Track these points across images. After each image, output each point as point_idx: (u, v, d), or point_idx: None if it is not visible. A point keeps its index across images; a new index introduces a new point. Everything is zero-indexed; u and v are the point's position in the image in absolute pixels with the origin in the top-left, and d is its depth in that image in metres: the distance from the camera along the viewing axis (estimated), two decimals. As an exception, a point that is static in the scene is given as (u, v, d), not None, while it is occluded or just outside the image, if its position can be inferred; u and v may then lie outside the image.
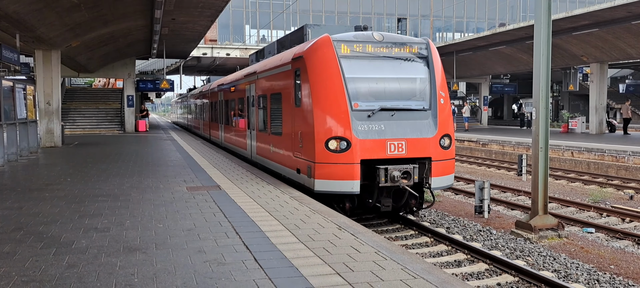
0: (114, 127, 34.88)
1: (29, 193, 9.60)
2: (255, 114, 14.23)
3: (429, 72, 10.14)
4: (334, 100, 9.38)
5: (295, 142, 10.44)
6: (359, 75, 9.72)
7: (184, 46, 32.90)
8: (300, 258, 5.38)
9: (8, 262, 5.26)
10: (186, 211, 7.80)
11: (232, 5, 48.84)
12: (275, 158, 12.14)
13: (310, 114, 9.59)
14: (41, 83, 21.65)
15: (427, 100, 9.97)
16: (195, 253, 5.56)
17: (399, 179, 9.09)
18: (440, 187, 9.92)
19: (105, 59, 32.98)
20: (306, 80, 9.77)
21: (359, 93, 9.57)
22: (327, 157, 9.25)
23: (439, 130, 9.70)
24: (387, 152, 9.32)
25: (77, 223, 7.00)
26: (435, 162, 9.64)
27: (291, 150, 10.74)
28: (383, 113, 9.50)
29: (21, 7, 14.93)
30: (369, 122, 9.33)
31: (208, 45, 47.92)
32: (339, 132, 9.25)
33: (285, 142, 11.23)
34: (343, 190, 9.28)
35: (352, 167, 9.19)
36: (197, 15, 23.08)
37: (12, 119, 15.57)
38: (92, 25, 20.78)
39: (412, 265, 5.22)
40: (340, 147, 9.20)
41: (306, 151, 9.83)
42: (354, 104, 9.43)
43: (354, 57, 9.79)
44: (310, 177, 9.65)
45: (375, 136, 9.29)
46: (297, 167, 10.42)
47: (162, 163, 14.70)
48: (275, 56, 13.15)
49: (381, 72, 9.89)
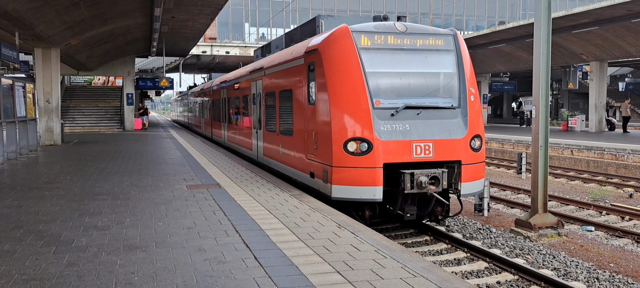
0: (114, 125, 34.86)
1: (29, 191, 9.60)
2: (262, 112, 13.44)
3: (457, 66, 9.32)
4: (353, 97, 8.59)
5: (308, 144, 9.67)
6: (380, 69, 8.89)
7: (183, 44, 32.87)
8: (300, 257, 5.39)
9: (8, 261, 5.26)
10: (186, 209, 7.80)
11: (231, 3, 48.80)
12: (285, 161, 11.40)
13: (326, 112, 8.82)
14: (41, 81, 21.62)
15: (456, 96, 9.15)
16: (195, 252, 5.56)
17: (427, 185, 8.28)
18: (471, 193, 9.12)
19: (105, 57, 32.95)
20: (322, 75, 8.99)
21: (380, 89, 8.77)
22: (345, 161, 8.48)
23: (469, 130, 8.90)
24: (412, 155, 8.51)
25: (77, 222, 7.00)
26: (465, 165, 8.80)
27: (304, 152, 9.96)
28: (408, 111, 8.72)
29: (20, 5, 14.91)
30: (392, 122, 8.57)
31: (208, 43, 47.88)
32: (359, 133, 8.47)
33: (296, 143, 10.47)
34: (364, 197, 8.47)
35: (374, 171, 8.38)
36: (197, 13, 23.06)
37: (11, 117, 15.56)
38: (92, 23, 20.76)
39: (412, 264, 5.22)
40: (361, 149, 8.41)
41: (322, 153, 9.04)
42: (376, 101, 8.63)
43: (374, 50, 8.95)
44: (326, 182, 8.88)
45: (400, 137, 8.50)
46: (310, 170, 9.65)
47: (162, 161, 14.69)
48: (284, 50, 12.34)
49: (405, 66, 9.06)
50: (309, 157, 9.69)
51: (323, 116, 8.96)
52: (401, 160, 8.49)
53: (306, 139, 9.78)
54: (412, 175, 8.33)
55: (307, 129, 9.70)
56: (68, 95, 38.27)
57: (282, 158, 11.68)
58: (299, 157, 10.29)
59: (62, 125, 22.87)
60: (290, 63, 10.86)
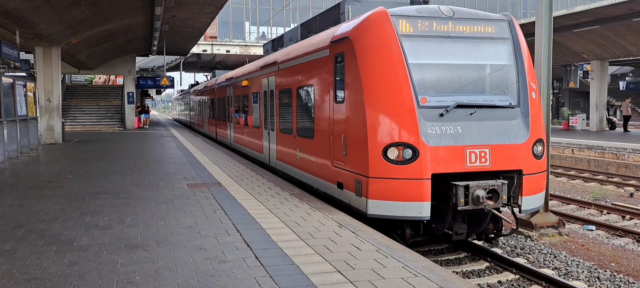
0: (115, 124, 34.89)
1: (30, 190, 9.60)
2: (276, 111, 12.17)
3: (515, 58, 7.99)
4: (394, 93, 7.26)
5: (335, 148, 8.40)
6: (426, 60, 7.59)
7: (184, 43, 32.88)
8: (301, 256, 5.39)
9: (9, 260, 5.26)
10: (187, 208, 7.80)
11: (232, 2, 48.80)
12: (305, 167, 10.08)
13: (360, 111, 7.51)
14: (41, 80, 21.63)
15: (515, 93, 7.83)
16: (196, 251, 5.56)
17: (484, 200, 7.00)
18: (532, 209, 7.79)
19: (106, 56, 32.96)
20: (353, 68, 7.71)
21: (426, 84, 7.46)
22: (385, 170, 7.14)
23: (531, 134, 7.56)
24: (466, 164, 7.19)
25: (78, 221, 7.00)
26: (527, 176, 7.48)
27: (329, 157, 8.70)
28: (459, 111, 7.40)
29: (21, 3, 14.91)
30: (441, 123, 7.25)
31: (208, 42, 47.89)
32: (401, 137, 7.12)
33: (319, 148, 9.21)
34: (407, 214, 7.12)
35: (421, 183, 7.03)
36: (197, 12, 23.06)
37: (12, 116, 15.56)
38: (92, 22, 20.76)
39: (413, 263, 5.22)
40: (404, 156, 7.08)
41: (354, 161, 7.72)
42: (421, 99, 7.30)
43: (418, 37, 7.65)
44: (360, 195, 7.52)
45: (451, 142, 7.18)
46: (338, 180, 8.32)
47: (163, 160, 14.70)
48: (302, 42, 10.93)
49: (454, 57, 7.76)
50: (336, 164, 8.42)
51: (356, 116, 7.66)
52: (452, 169, 7.16)
53: (332, 143, 8.54)
54: (467, 188, 7.02)
55: (334, 131, 8.46)
56: (69, 94, 38.29)
57: (300, 164, 10.43)
58: (323, 163, 9.04)
59: (63, 124, 22.89)
60: (311, 55, 9.61)
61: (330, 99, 8.61)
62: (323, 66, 8.98)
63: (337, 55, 8.37)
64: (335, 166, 8.46)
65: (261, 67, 13.69)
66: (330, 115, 8.63)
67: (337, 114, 8.35)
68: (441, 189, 7.28)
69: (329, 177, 8.79)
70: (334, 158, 8.47)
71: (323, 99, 8.98)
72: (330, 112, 8.60)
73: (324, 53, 8.95)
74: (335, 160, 8.45)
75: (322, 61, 9.02)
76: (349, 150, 7.90)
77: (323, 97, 8.98)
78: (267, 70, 12.97)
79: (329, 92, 8.69)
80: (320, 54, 9.13)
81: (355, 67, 7.69)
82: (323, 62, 8.98)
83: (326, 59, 8.84)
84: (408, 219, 7.28)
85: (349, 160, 7.92)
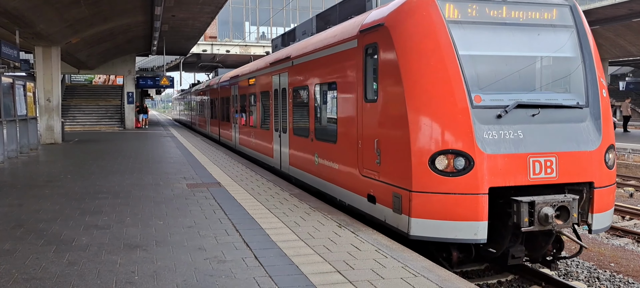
0: (114, 124, 34.89)
1: (29, 190, 9.59)
2: (289, 111, 11.16)
3: (580, 49, 6.84)
4: (443, 91, 6.15)
5: (366, 155, 7.31)
6: (478, 51, 6.48)
7: (184, 43, 32.90)
8: (301, 256, 5.38)
9: (9, 260, 5.26)
10: (186, 208, 7.80)
11: (232, 2, 48.81)
12: (325, 175, 9.03)
13: (399, 112, 6.40)
14: (41, 80, 21.64)
15: (582, 91, 6.70)
16: (196, 251, 5.55)
17: (553, 219, 5.90)
18: (603, 228, 6.62)
19: (105, 56, 32.97)
20: (391, 61, 6.59)
21: (481, 80, 6.35)
22: (432, 183, 6.06)
23: (603, 139, 6.47)
24: (529, 176, 6.07)
25: (77, 221, 7.00)
26: (598, 189, 6.36)
27: (356, 165, 7.65)
28: (519, 112, 6.26)
29: (21, 3, 14.90)
30: (499, 127, 6.13)
31: (208, 42, 47.91)
32: (453, 143, 6.02)
33: (343, 153, 8.19)
34: (460, 236, 6.02)
35: (476, 200, 5.93)
36: (197, 11, 23.07)
37: (11, 116, 15.56)
38: (92, 21, 20.76)
39: (412, 263, 5.22)
40: (456, 166, 5.98)
41: (391, 170, 6.65)
42: (475, 97, 6.20)
43: (468, 24, 6.51)
44: (399, 212, 6.42)
45: (511, 149, 6.06)
46: (369, 192, 7.26)
47: (163, 160, 14.70)
48: (321, 34, 9.81)
49: (510, 48, 6.63)
50: (366, 174, 7.33)
51: (394, 118, 6.56)
52: (513, 182, 6.06)
53: (361, 148, 7.46)
54: (532, 205, 5.91)
55: (364, 134, 7.38)
56: (69, 94, 38.29)
57: (318, 171, 9.38)
58: (348, 172, 7.99)
59: (62, 123, 22.89)
60: (334, 48, 8.55)
61: (358, 97, 7.54)
62: (349, 59, 7.94)
63: (367, 47, 7.29)
64: (365, 176, 7.37)
65: (271, 63, 12.70)
66: (358, 116, 7.58)
67: (367, 115, 7.28)
68: (497, 204, 6.14)
69: (356, 188, 7.71)
70: (364, 166, 7.38)
71: (348, 97, 7.94)
72: (359, 113, 7.54)
73: (350, 44, 7.90)
74: (365, 168, 7.36)
75: (348, 54, 7.97)
76: (384, 157, 6.81)
77: (348, 95, 7.93)
78: (278, 66, 12.01)
79: (356, 89, 7.64)
80: (344, 45, 8.09)
81: (393, 59, 6.54)
82: (349, 55, 7.94)
83: (353, 52, 7.78)
84: (460, 242, 6.17)
85: (384, 170, 6.83)
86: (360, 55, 7.53)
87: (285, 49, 12.44)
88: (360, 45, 7.52)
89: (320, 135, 9.37)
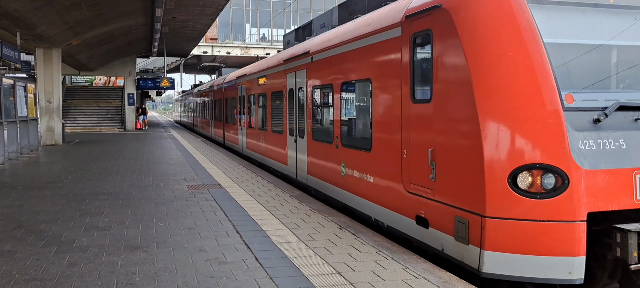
0: (115, 125, 34.93)
1: (30, 191, 9.60)
2: (307, 113, 10.04)
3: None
4: (525, 89, 4.87)
5: (414, 167, 6.07)
6: (567, 39, 5.24)
7: (184, 44, 32.94)
8: (301, 258, 5.38)
9: (9, 261, 5.26)
10: (187, 210, 7.80)
11: (232, 4, 48.90)
12: (355, 188, 7.81)
13: (466, 114, 5.15)
14: (42, 81, 21.67)
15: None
16: (196, 252, 5.56)
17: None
18: None
19: (106, 57, 33.02)
20: (453, 51, 5.36)
21: (572, 75, 5.08)
22: (513, 206, 4.78)
23: None
24: (635, 197, 4.84)
25: (78, 222, 7.00)
26: None
27: (400, 179, 6.40)
28: (619, 115, 5.00)
29: (22, 5, 14.93)
30: (597, 134, 4.86)
31: (208, 43, 47.98)
32: (540, 155, 4.75)
33: (381, 163, 6.94)
34: (550, 275, 4.72)
35: (572, 228, 4.65)
36: (198, 13, 23.11)
37: (12, 117, 15.57)
38: (93, 23, 20.80)
39: (413, 265, 5.21)
40: (544, 185, 4.72)
41: (452, 188, 5.38)
42: (566, 97, 4.90)
43: (554, 5, 5.27)
44: (466, 242, 5.11)
45: (612, 163, 4.81)
46: (418, 213, 6.01)
47: (163, 161, 14.70)
48: (349, 24, 8.49)
49: (607, 35, 5.34)
50: (414, 190, 6.09)
51: (457, 122, 5.31)
52: (616, 205, 4.79)
53: (408, 158, 6.22)
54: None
55: (411, 141, 6.15)
56: (69, 95, 38.35)
57: (346, 184, 8.17)
58: (388, 186, 6.74)
59: (63, 125, 22.92)
60: (368, 39, 7.30)
61: (403, 96, 6.31)
62: (389, 52, 6.68)
63: (416, 36, 6.06)
64: (413, 193, 6.11)
65: (286, 60, 11.45)
66: (402, 119, 6.34)
67: (416, 118, 6.05)
68: (591, 233, 4.89)
69: (400, 207, 6.45)
70: (412, 181, 6.12)
71: (388, 96, 6.70)
72: (404, 115, 6.31)
73: (391, 34, 6.63)
74: (413, 183, 6.09)
75: (388, 45, 6.71)
76: (442, 171, 5.53)
77: (388, 95, 6.69)
78: (294, 63, 10.84)
79: (399, 87, 6.41)
80: (383, 35, 6.82)
81: (455, 49, 5.32)
82: (389, 46, 6.68)
83: (395, 42, 6.52)
84: (550, 283, 4.79)
85: (442, 187, 5.53)
86: (406, 46, 6.26)
87: (301, 44, 11.27)
88: (407, 34, 6.24)
89: (348, 141, 8.16)
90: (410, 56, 6.20)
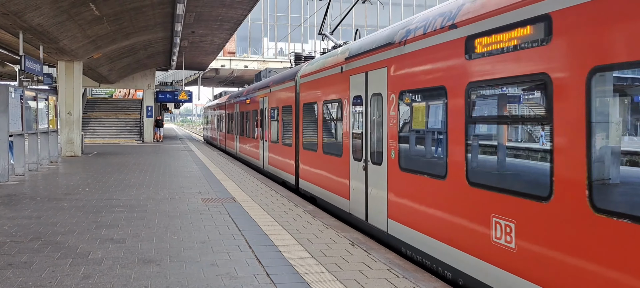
0: (133, 137, 35.37)
1: (48, 202, 9.77)
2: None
3: None
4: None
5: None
6: None
7: (202, 58, 33.35)
8: (312, 274, 5.38)
9: (25, 272, 5.36)
10: (200, 223, 7.86)
11: (250, 19, 49.46)
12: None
13: None
14: (63, 93, 22.10)
15: None
16: (208, 267, 5.59)
17: None
18: None
19: (126, 70, 33.57)
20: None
21: None
22: None
23: None
24: None
25: (93, 234, 7.10)
26: None
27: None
28: None
29: (45, 19, 15.31)
30: None
31: (226, 57, 48.47)
32: None
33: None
34: None
35: None
36: (216, 28, 23.40)
37: (33, 129, 15.89)
38: (114, 37, 21.20)
39: (424, 284, 5.18)
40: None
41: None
42: None
43: None
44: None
45: None
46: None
47: (179, 174, 14.84)
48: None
49: None
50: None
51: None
52: None
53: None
54: None
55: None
56: (89, 107, 38.99)
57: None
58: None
59: (82, 136, 23.29)
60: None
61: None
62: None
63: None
64: None
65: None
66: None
67: None
68: None
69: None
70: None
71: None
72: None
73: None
74: None
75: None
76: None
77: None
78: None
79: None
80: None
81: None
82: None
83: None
84: None
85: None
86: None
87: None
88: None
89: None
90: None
